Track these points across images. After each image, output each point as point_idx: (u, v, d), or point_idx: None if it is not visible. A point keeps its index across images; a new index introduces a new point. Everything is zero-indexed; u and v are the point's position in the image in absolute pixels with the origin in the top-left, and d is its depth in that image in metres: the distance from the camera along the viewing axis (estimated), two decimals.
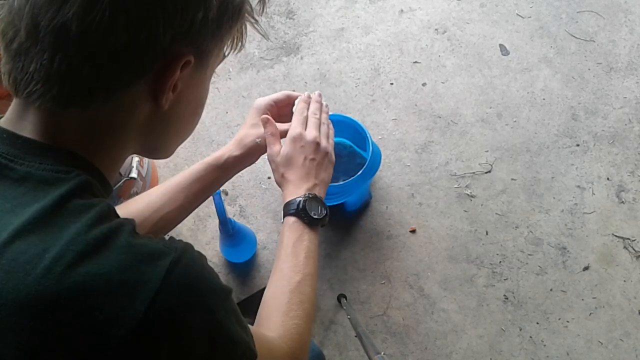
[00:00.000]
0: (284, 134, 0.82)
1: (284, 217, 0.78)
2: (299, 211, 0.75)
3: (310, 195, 0.77)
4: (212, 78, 0.56)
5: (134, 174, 1.11)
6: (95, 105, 0.45)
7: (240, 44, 0.54)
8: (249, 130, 0.84)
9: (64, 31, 0.41)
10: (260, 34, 0.57)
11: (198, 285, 0.43)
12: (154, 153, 0.56)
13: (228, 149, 0.84)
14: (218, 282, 0.46)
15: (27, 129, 0.45)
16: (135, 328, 0.39)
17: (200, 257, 0.46)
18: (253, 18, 0.54)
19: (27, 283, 0.38)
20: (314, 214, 0.76)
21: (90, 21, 0.40)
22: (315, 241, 0.77)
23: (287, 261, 0.72)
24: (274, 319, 0.67)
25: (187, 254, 0.44)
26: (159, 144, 0.55)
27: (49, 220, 0.41)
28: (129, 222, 0.44)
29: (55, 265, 0.38)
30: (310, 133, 0.81)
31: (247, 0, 0.52)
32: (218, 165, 0.82)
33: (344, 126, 1.17)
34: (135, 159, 1.14)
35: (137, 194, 1.22)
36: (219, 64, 0.55)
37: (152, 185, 1.32)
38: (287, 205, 0.77)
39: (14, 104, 0.47)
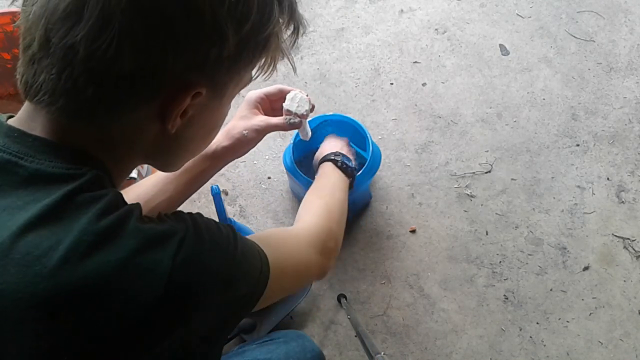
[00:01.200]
0: (274, 128, 0.83)
1: (319, 164, 0.96)
2: (334, 158, 0.94)
3: (343, 154, 0.98)
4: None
5: (133, 174, 1.11)
6: (101, 122, 0.45)
7: (271, 68, 0.54)
8: (238, 122, 0.85)
9: (73, 51, 0.41)
10: (291, 64, 0.56)
11: (205, 254, 0.46)
12: (163, 167, 0.57)
13: (217, 139, 0.84)
14: (220, 242, 0.48)
15: (38, 129, 0.46)
16: (157, 307, 0.41)
17: (202, 227, 0.47)
18: (283, 51, 0.53)
19: (44, 275, 0.39)
20: (347, 161, 0.94)
21: (97, 47, 0.40)
22: (345, 183, 0.93)
23: (321, 182, 0.88)
24: (303, 211, 0.78)
25: (190, 231, 0.45)
26: (169, 161, 0.55)
27: (60, 214, 0.41)
28: (136, 208, 0.45)
29: (70, 256, 0.39)
30: None
31: (275, 34, 0.50)
32: (207, 156, 0.83)
33: (344, 126, 1.17)
34: None
35: None
36: (244, 87, 0.54)
37: None
38: (323, 157, 0.96)
39: (25, 105, 0.47)
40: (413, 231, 1.30)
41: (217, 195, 1.04)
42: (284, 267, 0.59)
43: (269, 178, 1.36)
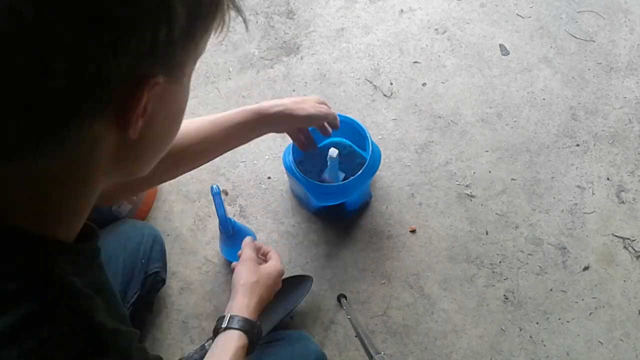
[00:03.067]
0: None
1: (225, 326, 0.87)
2: (253, 333, 0.87)
3: (258, 323, 0.90)
4: (212, 78, 0.52)
5: None
6: (42, 157, 0.36)
7: (223, 27, 0.42)
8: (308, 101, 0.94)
9: None
10: (242, 17, 0.42)
11: None
12: (130, 176, 0.47)
13: (282, 103, 0.90)
14: None
15: None
16: None
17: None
18: (235, 5, 0.42)
19: None
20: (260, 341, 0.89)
21: (13, 69, 0.31)
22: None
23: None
24: None
25: None
26: (134, 169, 0.46)
27: None
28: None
29: None
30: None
31: None
32: (263, 115, 0.87)
33: (344, 126, 1.16)
34: None
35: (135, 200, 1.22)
36: (199, 57, 0.45)
37: (147, 194, 1.32)
38: (240, 321, 0.87)
39: None
40: (413, 231, 1.30)
41: (217, 195, 1.04)
42: None
43: (269, 178, 1.36)
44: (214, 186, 1.05)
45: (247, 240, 1.06)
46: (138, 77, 0.36)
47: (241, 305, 0.89)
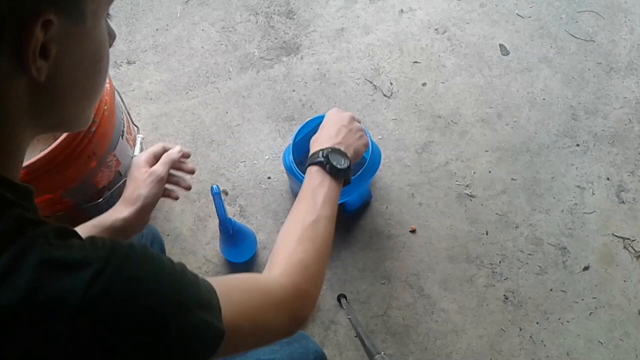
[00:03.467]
0: (163, 171, 0.80)
1: (306, 167, 0.80)
2: (322, 160, 0.77)
3: (335, 148, 0.80)
4: (212, 78, 0.51)
5: (137, 150, 1.11)
6: None
7: None
8: (129, 187, 0.81)
9: None
10: None
11: (129, 294, 0.39)
12: (62, 127, 0.48)
13: (116, 210, 0.80)
14: (158, 278, 0.42)
15: None
16: (67, 350, 0.36)
17: (130, 256, 0.41)
18: None
19: None
20: (337, 164, 0.77)
21: None
22: (336, 190, 0.77)
23: (304, 203, 0.72)
24: (280, 256, 0.66)
25: (112, 262, 0.39)
26: (59, 117, 0.45)
27: None
28: (45, 231, 0.38)
29: None
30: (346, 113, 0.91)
31: None
32: (104, 229, 0.77)
33: None
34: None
35: None
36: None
37: None
38: (311, 157, 0.79)
39: None
40: (413, 231, 1.30)
41: (217, 195, 1.04)
42: (241, 327, 0.50)
43: (269, 178, 1.36)
44: (214, 186, 1.05)
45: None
46: (26, 15, 0.36)
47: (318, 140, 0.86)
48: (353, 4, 1.60)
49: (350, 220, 1.31)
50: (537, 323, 1.21)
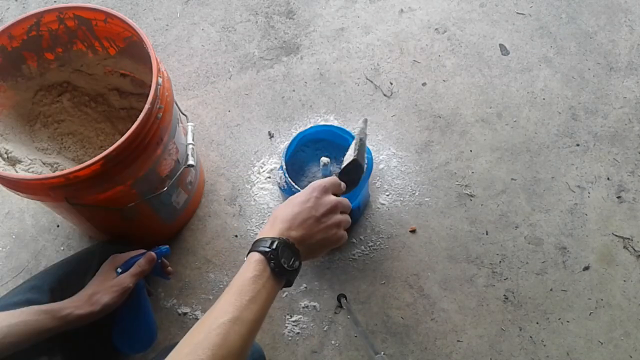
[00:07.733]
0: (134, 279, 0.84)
1: (248, 252, 0.67)
2: (267, 251, 0.65)
3: (290, 243, 0.67)
4: (212, 78, 0.50)
5: (191, 161, 1.07)
6: None
7: None
8: (98, 287, 0.84)
9: None
10: None
11: None
12: None
13: (74, 303, 0.82)
14: None
15: None
16: None
17: None
18: None
19: None
20: (284, 262, 0.65)
21: None
22: (272, 291, 0.64)
23: (226, 297, 0.61)
24: (184, 343, 0.57)
25: None
26: None
27: None
28: None
29: None
30: (329, 197, 0.74)
31: None
32: (57, 317, 0.79)
33: (326, 140, 1.15)
34: (190, 146, 1.09)
35: (191, 183, 1.21)
36: None
37: (201, 174, 1.32)
38: (258, 241, 0.67)
39: None
40: (413, 231, 1.30)
41: (142, 289, 0.98)
42: None
43: (269, 178, 1.36)
44: (141, 281, 0.97)
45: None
46: None
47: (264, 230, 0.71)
48: (353, 3, 1.60)
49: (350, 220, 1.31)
50: (537, 323, 1.21)
